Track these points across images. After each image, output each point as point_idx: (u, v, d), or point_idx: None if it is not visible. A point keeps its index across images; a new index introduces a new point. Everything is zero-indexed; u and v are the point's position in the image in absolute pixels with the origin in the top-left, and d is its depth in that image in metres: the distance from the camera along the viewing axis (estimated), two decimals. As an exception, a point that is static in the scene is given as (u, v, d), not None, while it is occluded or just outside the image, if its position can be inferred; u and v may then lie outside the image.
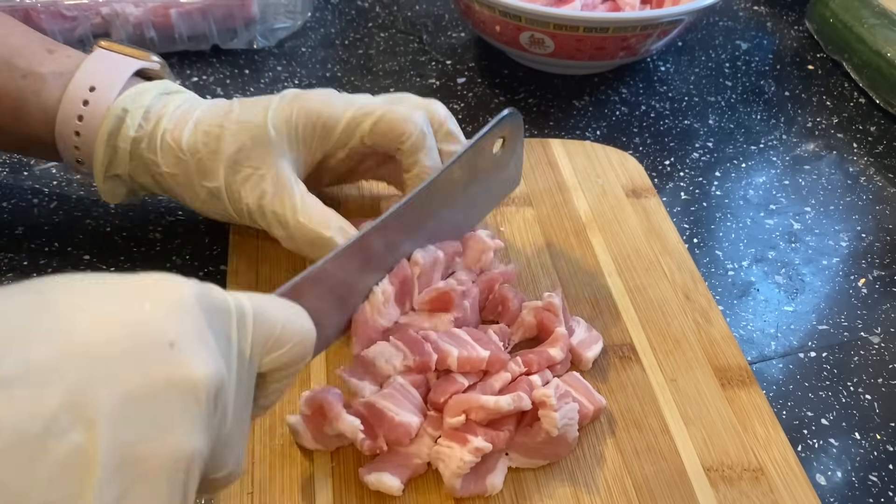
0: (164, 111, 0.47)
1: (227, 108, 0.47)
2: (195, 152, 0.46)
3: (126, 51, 0.48)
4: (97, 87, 0.46)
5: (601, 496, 0.40)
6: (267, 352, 0.31)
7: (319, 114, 0.46)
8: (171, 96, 0.48)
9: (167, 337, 0.25)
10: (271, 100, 0.47)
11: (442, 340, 0.42)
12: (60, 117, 0.46)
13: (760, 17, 0.83)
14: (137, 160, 0.47)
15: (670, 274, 0.51)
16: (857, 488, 0.43)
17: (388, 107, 0.46)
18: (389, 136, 0.46)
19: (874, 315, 0.52)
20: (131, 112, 0.46)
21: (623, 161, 0.59)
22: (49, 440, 0.23)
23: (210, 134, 0.46)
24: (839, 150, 0.66)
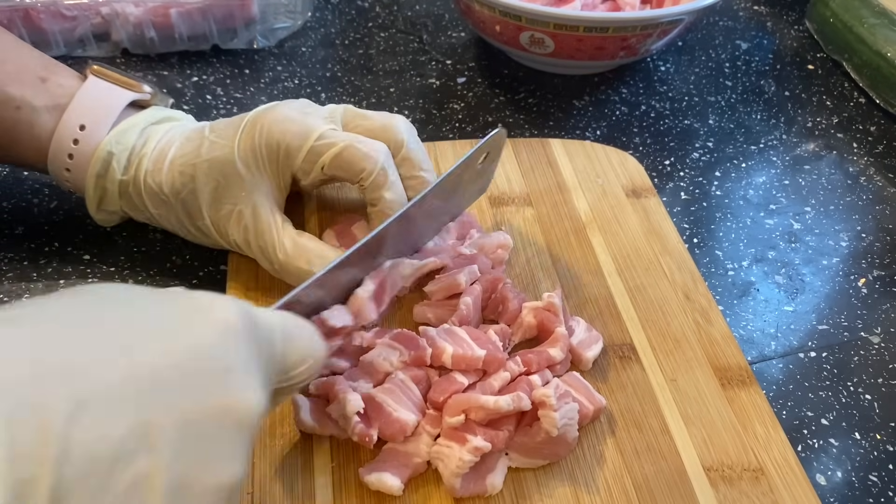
0: (145, 151, 0.47)
1: (199, 141, 0.47)
2: (176, 194, 0.47)
3: (118, 79, 0.48)
4: (87, 126, 0.47)
5: (601, 496, 0.40)
6: (288, 369, 0.31)
7: (280, 141, 0.46)
8: (156, 127, 0.48)
9: (224, 363, 0.26)
10: (238, 128, 0.46)
11: (439, 337, 0.43)
12: (52, 154, 0.47)
13: (760, 17, 0.83)
14: (127, 200, 0.49)
15: (670, 274, 0.51)
16: (857, 488, 0.43)
17: (347, 141, 0.45)
18: (350, 172, 0.46)
19: (874, 315, 0.52)
20: (116, 155, 0.47)
21: (623, 161, 0.59)
22: (118, 465, 0.23)
23: (185, 174, 0.46)
24: (839, 150, 0.66)
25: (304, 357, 0.32)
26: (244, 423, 0.26)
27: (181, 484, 0.24)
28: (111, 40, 0.69)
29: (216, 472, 0.25)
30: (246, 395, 0.26)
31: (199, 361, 0.26)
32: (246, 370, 0.27)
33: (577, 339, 0.45)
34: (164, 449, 0.24)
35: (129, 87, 0.48)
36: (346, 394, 0.40)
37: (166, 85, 0.68)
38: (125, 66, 0.69)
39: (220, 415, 0.26)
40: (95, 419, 0.23)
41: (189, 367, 0.25)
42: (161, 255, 0.52)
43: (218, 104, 0.66)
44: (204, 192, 0.46)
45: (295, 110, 0.47)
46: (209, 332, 0.26)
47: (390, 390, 0.41)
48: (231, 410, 0.26)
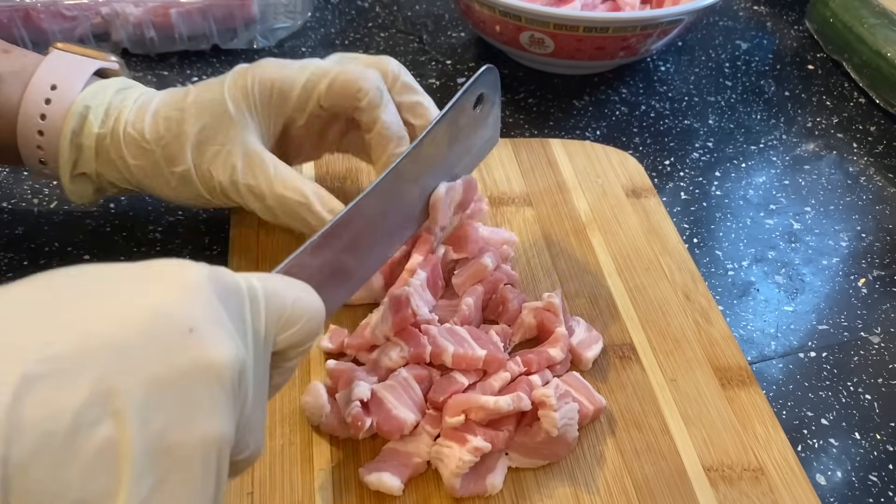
0: (124, 104, 0.47)
1: (184, 92, 0.47)
2: (159, 139, 0.46)
3: (84, 51, 0.48)
4: (59, 86, 0.46)
5: (601, 496, 0.40)
6: (280, 330, 0.30)
7: (274, 80, 0.46)
8: (129, 90, 0.48)
9: (186, 322, 0.25)
10: (226, 76, 0.47)
11: (441, 336, 0.43)
12: (22, 117, 0.46)
13: (760, 17, 0.83)
14: (103, 157, 0.47)
15: (670, 274, 0.51)
16: (857, 488, 0.43)
17: (341, 67, 0.46)
18: (345, 95, 0.46)
19: (874, 315, 0.52)
20: (93, 109, 0.46)
21: (623, 161, 0.59)
22: (79, 436, 0.22)
23: (171, 119, 0.46)
24: (839, 150, 0.66)
25: (294, 315, 0.31)
26: (219, 377, 0.25)
27: (157, 447, 0.24)
28: (111, 40, 0.69)
29: (196, 429, 0.25)
30: (216, 349, 0.25)
31: (159, 323, 0.25)
32: (212, 326, 0.26)
33: (577, 339, 0.45)
34: (130, 413, 0.23)
35: (95, 56, 0.48)
36: (356, 381, 0.40)
37: (166, 85, 0.67)
38: (125, 66, 0.69)
39: (189, 371, 0.25)
40: (47, 394, 0.22)
41: (148, 330, 0.24)
42: (161, 255, 0.52)
43: (218, 104, 0.66)
44: (190, 134, 0.45)
45: (282, 61, 0.47)
46: (168, 294, 0.26)
47: (392, 387, 0.41)
48: (200, 366, 0.25)
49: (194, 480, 0.25)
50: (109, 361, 0.23)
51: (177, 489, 0.24)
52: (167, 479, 0.24)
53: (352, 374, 0.41)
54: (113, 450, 0.23)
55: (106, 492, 0.23)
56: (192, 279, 0.26)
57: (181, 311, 0.25)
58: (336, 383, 0.42)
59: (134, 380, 0.24)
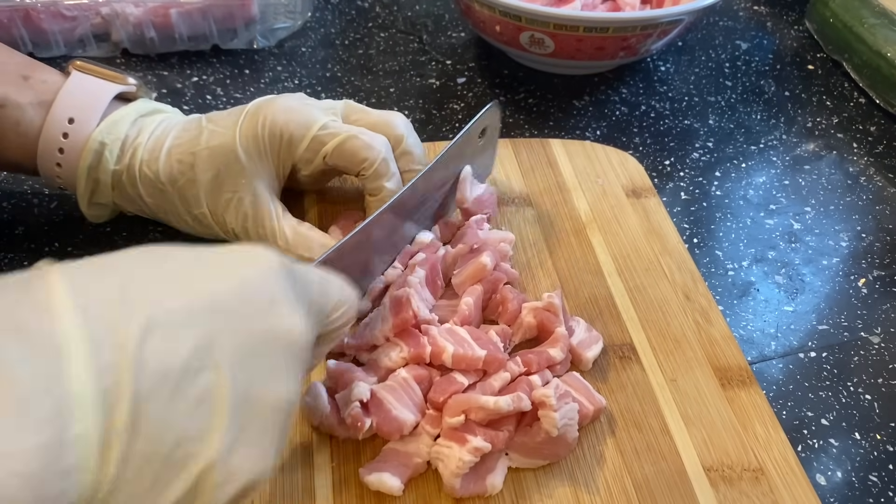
0: (139, 141, 0.47)
1: (197, 130, 0.47)
2: (174, 182, 0.47)
3: (102, 73, 0.48)
4: (76, 119, 0.46)
5: (601, 496, 0.40)
6: (326, 315, 0.34)
7: (283, 130, 0.46)
8: (147, 119, 0.48)
9: (269, 295, 0.29)
10: (239, 116, 0.47)
11: (440, 336, 0.43)
12: (41, 150, 0.47)
13: (760, 17, 0.83)
14: (120, 190, 0.48)
15: (670, 274, 0.51)
16: (857, 488, 0.43)
17: (350, 132, 0.47)
18: (352, 162, 0.47)
19: (874, 315, 0.52)
20: (109, 146, 0.47)
21: (623, 161, 0.59)
22: (186, 380, 0.26)
23: (184, 163, 0.47)
24: (839, 150, 0.66)
25: (338, 302, 0.34)
26: (292, 347, 0.29)
27: (244, 398, 0.27)
28: (111, 40, 0.69)
29: (273, 390, 0.28)
30: (291, 321, 0.29)
31: (249, 293, 0.29)
32: (289, 302, 0.30)
33: (577, 339, 0.45)
34: (225, 366, 0.27)
35: (113, 79, 0.48)
36: (356, 381, 0.40)
37: (166, 85, 0.68)
38: (125, 66, 0.69)
39: (270, 338, 0.29)
40: (164, 340, 0.26)
41: (240, 297, 0.28)
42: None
43: (218, 104, 0.66)
44: (203, 180, 0.46)
45: (296, 101, 0.48)
46: (255, 271, 0.29)
47: (392, 388, 0.41)
48: (279, 334, 0.29)
49: (269, 432, 0.29)
50: (210, 320, 0.27)
51: (256, 439, 0.28)
52: (248, 426, 0.28)
53: (352, 374, 0.41)
54: (212, 395, 0.27)
55: (204, 429, 0.26)
56: (271, 262, 0.30)
57: (265, 285, 0.29)
58: (336, 383, 0.42)
59: (229, 338, 0.27)
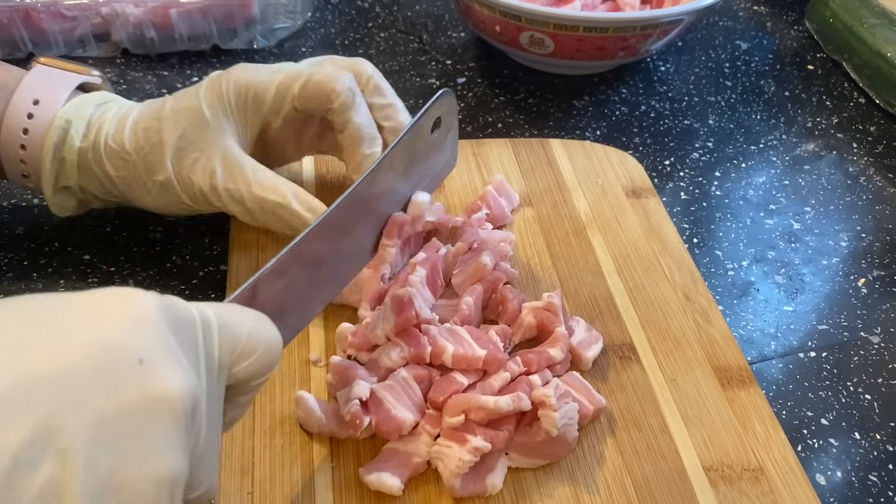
0: (105, 117, 0.47)
1: (161, 102, 0.48)
2: (139, 150, 0.47)
3: (66, 66, 0.49)
4: (41, 101, 0.46)
5: (601, 496, 0.40)
6: (235, 362, 0.29)
7: (248, 84, 0.47)
8: (110, 104, 0.49)
9: (136, 354, 0.24)
10: (201, 83, 0.48)
11: (441, 336, 0.43)
12: (5, 132, 0.46)
13: (760, 17, 0.83)
14: (85, 170, 0.48)
15: (670, 274, 0.51)
16: (857, 488, 0.43)
17: (314, 69, 0.47)
18: (319, 97, 0.47)
19: (874, 315, 0.52)
20: (75, 123, 0.47)
21: (623, 161, 0.59)
22: (18, 476, 0.21)
23: (150, 129, 0.47)
24: (839, 150, 0.66)
25: (249, 345, 0.30)
26: (171, 411, 0.24)
27: (106, 486, 0.23)
28: (111, 40, 0.69)
29: (148, 467, 0.24)
30: (168, 381, 0.24)
31: (107, 355, 0.24)
32: (165, 357, 0.25)
33: (577, 339, 0.45)
34: (76, 452, 0.22)
35: (77, 71, 0.49)
36: (356, 380, 0.40)
37: (166, 85, 0.68)
38: (125, 67, 0.69)
39: (140, 406, 0.24)
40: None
41: (96, 362, 0.23)
42: (161, 256, 0.52)
43: (218, 104, 0.66)
44: (169, 143, 0.46)
45: (256, 65, 0.48)
46: (117, 324, 0.24)
47: (392, 387, 0.41)
48: (152, 399, 0.24)
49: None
50: (53, 398, 0.22)
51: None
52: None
53: (353, 372, 0.41)
54: (56, 492, 0.22)
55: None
56: (140, 308, 0.25)
57: (130, 342, 0.24)
58: (338, 380, 0.42)
59: (80, 417, 0.22)
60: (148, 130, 0.47)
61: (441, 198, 0.55)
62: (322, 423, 0.40)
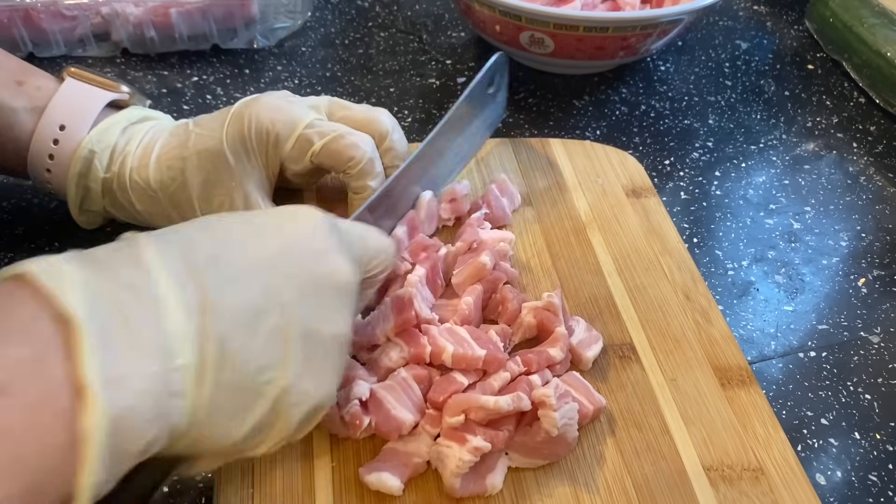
0: (129, 149, 0.48)
1: (185, 135, 0.48)
2: (164, 188, 0.47)
3: (96, 80, 0.49)
4: (67, 126, 0.47)
5: (601, 496, 0.40)
6: (367, 261, 0.38)
7: (269, 130, 0.46)
8: (137, 126, 0.49)
9: (318, 246, 0.34)
10: (225, 118, 0.47)
11: (441, 336, 0.43)
12: (32, 155, 0.47)
13: (760, 17, 0.83)
14: (111, 198, 0.49)
15: (670, 274, 0.51)
16: (857, 488, 0.43)
17: (337, 132, 0.47)
18: (338, 161, 0.47)
19: (874, 315, 0.52)
20: (98, 154, 0.47)
21: (623, 161, 0.59)
22: (259, 317, 0.31)
23: (173, 168, 0.47)
24: (839, 150, 0.66)
25: (377, 250, 0.39)
26: (341, 288, 0.35)
27: (306, 332, 0.33)
28: (111, 40, 0.69)
29: (329, 325, 0.34)
30: (339, 266, 0.35)
31: (300, 246, 0.34)
32: (335, 251, 0.35)
33: (577, 338, 0.45)
34: (289, 306, 0.32)
35: (106, 87, 0.49)
36: (356, 380, 0.40)
37: (166, 85, 0.68)
38: (125, 66, 0.69)
39: (323, 282, 0.34)
40: (235, 290, 0.31)
41: (294, 250, 0.34)
42: (161, 255, 0.52)
43: (218, 104, 0.66)
44: (194, 185, 0.47)
45: (281, 99, 0.48)
46: (303, 227, 0.35)
47: (391, 387, 0.41)
48: (331, 278, 0.34)
49: (329, 360, 0.34)
50: (271, 270, 0.32)
51: (319, 364, 0.34)
52: (313, 357, 0.33)
53: (353, 372, 0.41)
54: (283, 330, 0.32)
55: (278, 359, 0.32)
56: (318, 219, 0.35)
57: (313, 238, 0.35)
58: None
59: (291, 283, 0.33)
60: (172, 169, 0.47)
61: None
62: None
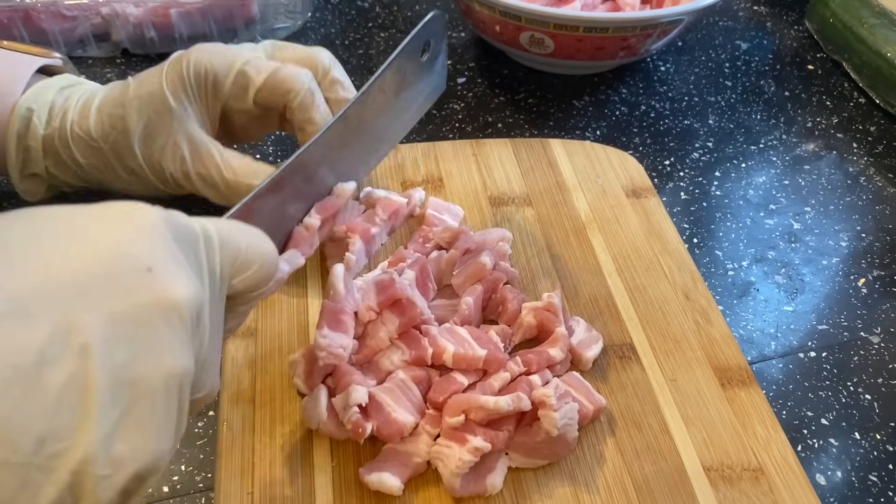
0: (69, 104, 0.47)
1: (124, 85, 0.47)
2: (105, 137, 0.47)
3: (27, 49, 0.48)
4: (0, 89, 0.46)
5: (601, 496, 0.40)
6: (235, 273, 0.31)
7: (207, 68, 0.46)
8: (73, 88, 0.48)
9: (145, 261, 0.25)
10: (163, 64, 0.47)
11: (441, 336, 0.43)
12: None
13: (760, 17, 0.83)
14: (52, 156, 0.48)
15: (670, 274, 0.51)
16: (857, 488, 0.43)
17: (273, 66, 0.47)
18: (277, 95, 0.47)
19: (874, 315, 0.52)
20: (37, 111, 0.46)
21: (623, 161, 0.59)
22: (44, 370, 0.23)
23: (114, 116, 0.46)
24: (839, 150, 0.66)
25: (248, 258, 0.31)
26: (179, 314, 0.26)
27: (122, 380, 0.24)
28: (111, 40, 0.69)
29: (159, 363, 0.25)
30: (174, 287, 0.26)
31: (119, 261, 0.25)
32: (170, 265, 0.26)
33: (577, 339, 0.45)
34: (94, 347, 0.24)
35: (39, 54, 0.48)
36: (353, 385, 0.40)
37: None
38: (125, 67, 0.69)
39: (149, 308, 0.25)
40: (9, 330, 0.22)
41: (108, 268, 0.25)
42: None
43: (218, 104, 0.66)
44: (136, 130, 0.46)
45: (218, 45, 0.48)
46: (125, 234, 0.26)
47: (390, 390, 0.41)
48: (160, 303, 0.25)
49: (159, 411, 0.25)
50: (70, 299, 0.24)
51: (142, 420, 0.25)
52: (132, 410, 0.24)
53: (350, 377, 0.41)
54: (78, 383, 0.23)
55: (72, 424, 0.23)
56: (148, 220, 0.27)
57: (140, 251, 0.26)
58: (336, 385, 0.42)
59: (96, 316, 0.24)
60: (112, 117, 0.46)
61: (440, 197, 0.55)
62: (322, 422, 0.40)
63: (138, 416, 0.25)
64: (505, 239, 0.50)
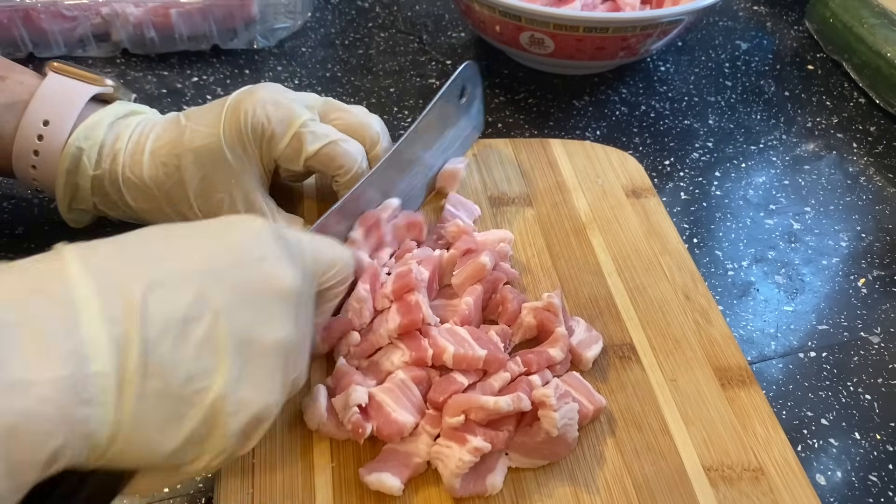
0: (119, 145, 0.47)
1: (178, 130, 0.47)
2: (160, 185, 0.47)
3: (80, 74, 0.48)
4: (51, 121, 0.46)
5: (601, 496, 0.40)
6: (321, 272, 0.39)
7: (265, 126, 0.46)
8: (124, 121, 0.48)
9: (257, 253, 0.34)
10: (222, 109, 0.47)
11: (441, 336, 0.43)
12: (16, 151, 0.46)
13: (760, 17, 0.83)
14: (102, 196, 0.48)
15: (670, 274, 0.51)
16: (857, 488, 0.43)
17: (330, 138, 0.47)
18: (329, 167, 0.48)
19: (874, 315, 0.52)
20: (87, 151, 0.46)
21: (623, 161, 0.59)
22: (189, 324, 0.30)
23: (168, 164, 0.46)
24: (839, 150, 0.66)
25: (332, 261, 0.39)
26: (282, 295, 0.34)
27: (243, 340, 0.32)
28: (111, 40, 0.69)
29: (269, 332, 0.33)
30: (279, 273, 0.34)
31: (238, 253, 0.33)
32: (276, 258, 0.34)
33: (577, 339, 0.45)
34: (223, 312, 0.31)
35: (90, 81, 0.48)
36: (353, 385, 0.40)
37: (166, 85, 0.68)
38: (125, 67, 0.69)
39: (261, 288, 0.33)
40: (164, 295, 0.30)
41: (231, 257, 0.33)
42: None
43: (218, 104, 0.66)
44: (191, 183, 0.46)
45: (277, 94, 0.47)
46: (243, 234, 0.34)
47: (390, 390, 0.41)
48: (269, 284, 0.33)
49: (270, 368, 0.33)
50: (205, 277, 0.31)
51: (258, 373, 0.32)
52: (250, 364, 0.32)
53: (350, 377, 0.41)
54: (213, 337, 0.31)
55: (210, 368, 0.31)
56: (257, 225, 0.35)
57: (254, 246, 0.34)
58: (337, 384, 0.42)
59: (225, 289, 0.32)
60: (167, 166, 0.46)
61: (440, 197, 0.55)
62: (322, 422, 0.40)
63: (255, 369, 0.32)
64: (506, 240, 0.50)
